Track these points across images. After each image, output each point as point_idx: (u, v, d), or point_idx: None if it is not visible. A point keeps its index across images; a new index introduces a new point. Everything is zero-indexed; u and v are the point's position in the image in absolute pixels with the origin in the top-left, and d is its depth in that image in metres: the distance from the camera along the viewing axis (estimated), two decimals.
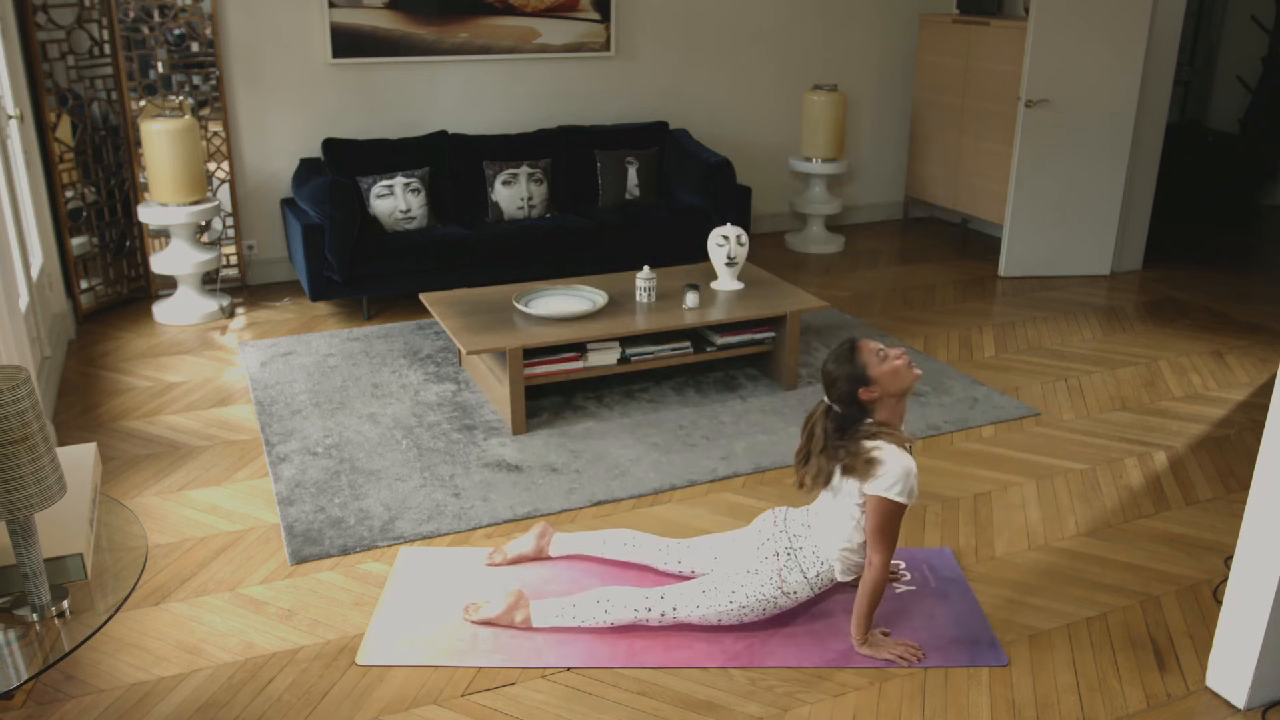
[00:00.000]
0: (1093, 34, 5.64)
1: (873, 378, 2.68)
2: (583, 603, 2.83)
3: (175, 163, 4.98)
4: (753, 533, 2.89)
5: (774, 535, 2.83)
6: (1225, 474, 3.80)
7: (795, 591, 2.79)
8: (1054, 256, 6.09)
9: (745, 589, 2.78)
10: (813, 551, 2.78)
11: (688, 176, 5.92)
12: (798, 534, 2.81)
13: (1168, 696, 2.65)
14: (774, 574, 2.78)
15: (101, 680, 2.67)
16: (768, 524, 2.88)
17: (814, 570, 2.78)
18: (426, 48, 5.76)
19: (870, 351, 2.70)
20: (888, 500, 2.62)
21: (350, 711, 2.57)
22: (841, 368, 2.71)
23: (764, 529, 2.87)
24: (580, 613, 2.83)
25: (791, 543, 2.80)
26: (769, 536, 2.83)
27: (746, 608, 2.79)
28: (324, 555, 3.22)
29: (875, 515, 2.65)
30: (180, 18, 5.29)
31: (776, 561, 2.79)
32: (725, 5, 6.46)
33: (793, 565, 2.78)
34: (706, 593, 2.80)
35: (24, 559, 1.99)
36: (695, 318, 4.25)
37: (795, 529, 2.83)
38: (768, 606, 2.80)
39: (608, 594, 2.83)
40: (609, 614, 2.81)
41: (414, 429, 4.06)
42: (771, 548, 2.81)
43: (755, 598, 2.78)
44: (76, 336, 5.06)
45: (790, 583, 2.78)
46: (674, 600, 2.81)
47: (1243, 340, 5.14)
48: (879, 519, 2.65)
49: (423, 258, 5.22)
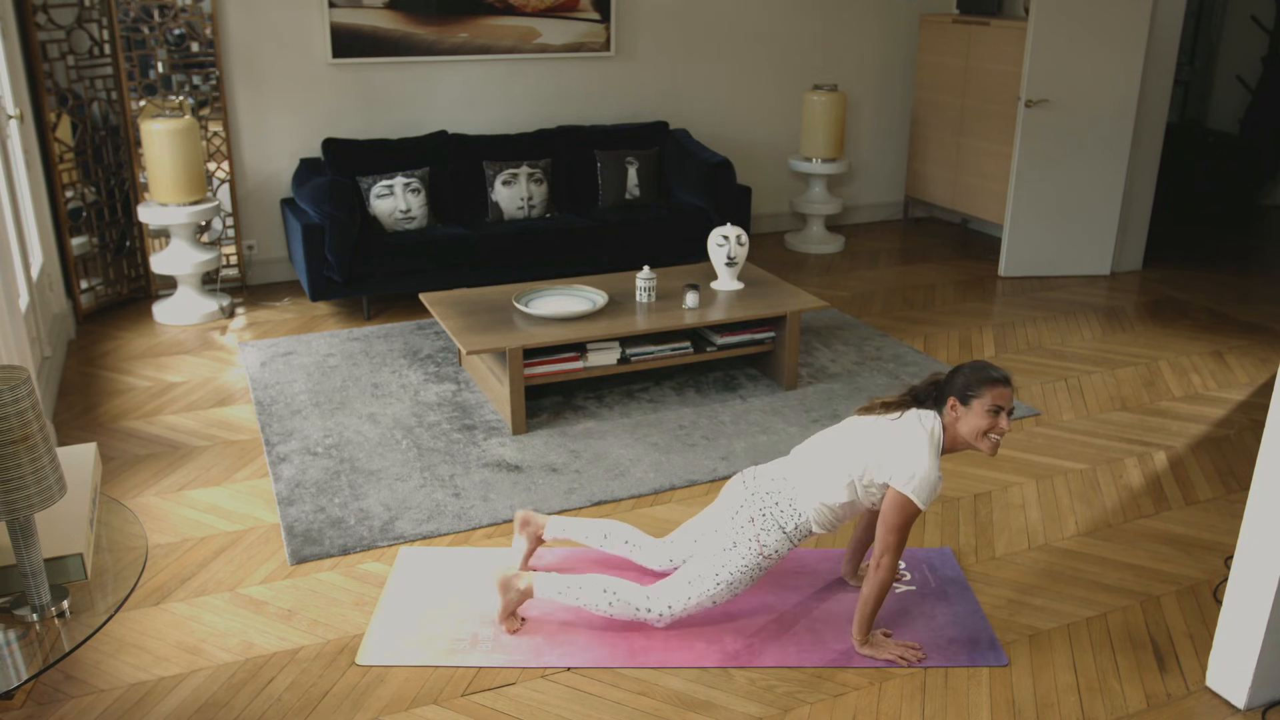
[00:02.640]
0: (1093, 34, 5.64)
1: (968, 407, 2.65)
2: (588, 585, 2.81)
3: (175, 163, 4.98)
4: (723, 504, 2.86)
5: (746, 501, 2.79)
6: (1225, 474, 3.81)
7: (776, 551, 2.77)
8: (1054, 256, 6.09)
9: (728, 567, 2.77)
10: (789, 504, 2.76)
11: (688, 176, 5.92)
12: (770, 490, 2.78)
13: (1168, 696, 2.65)
14: (752, 540, 2.76)
15: (101, 680, 2.67)
16: (736, 491, 2.85)
17: (792, 524, 2.76)
18: (426, 48, 5.76)
19: (992, 397, 2.63)
20: (906, 498, 2.61)
21: (350, 711, 2.57)
22: (970, 376, 2.67)
23: (734, 497, 2.84)
24: (584, 596, 2.80)
25: (764, 502, 2.77)
26: (741, 503, 2.80)
27: (735, 583, 2.78)
28: (324, 555, 3.22)
29: (891, 509, 2.64)
30: (180, 18, 5.29)
31: (753, 528, 2.76)
32: (725, 5, 6.46)
33: (770, 525, 2.75)
34: (692, 582, 2.78)
35: (24, 559, 1.99)
36: (695, 318, 4.25)
37: (767, 485, 2.80)
38: (755, 574, 2.79)
39: (615, 585, 2.81)
40: (613, 606, 2.79)
41: (414, 429, 4.06)
42: (746, 514, 2.78)
43: (740, 570, 2.76)
44: (76, 336, 5.06)
45: (770, 544, 2.76)
46: (666, 599, 2.80)
47: (1243, 340, 5.14)
48: (893, 514, 2.64)
49: (423, 258, 5.22)
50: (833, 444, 2.78)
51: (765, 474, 2.85)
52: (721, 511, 2.85)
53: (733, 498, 2.84)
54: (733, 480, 2.92)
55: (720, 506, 2.88)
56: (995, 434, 2.65)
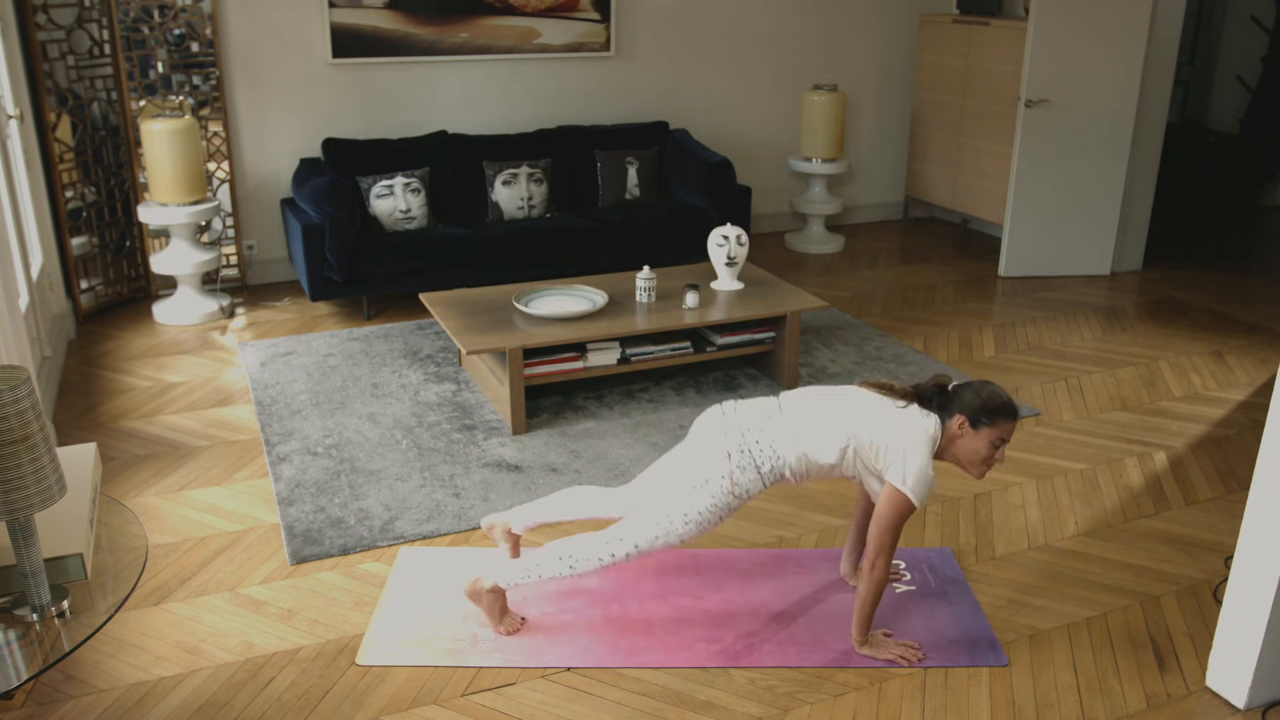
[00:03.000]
0: (1093, 34, 5.64)
1: (977, 431, 2.64)
2: (545, 559, 2.76)
3: (175, 163, 4.98)
4: (697, 438, 2.76)
5: (724, 434, 2.70)
6: (1225, 474, 3.80)
7: (748, 491, 2.70)
8: (1054, 256, 6.09)
9: (697, 504, 2.69)
10: (770, 446, 2.68)
11: (688, 176, 5.92)
12: (751, 426, 2.70)
13: (1168, 696, 2.65)
14: (725, 478, 2.67)
15: (101, 680, 2.67)
16: (715, 422, 2.75)
17: (768, 465, 2.68)
18: (426, 48, 5.76)
19: (1003, 430, 2.66)
20: (904, 495, 2.60)
21: (350, 711, 2.57)
22: (990, 402, 2.65)
23: (711, 429, 2.74)
24: (544, 569, 2.76)
25: (744, 438, 2.68)
26: (720, 434, 2.71)
27: (703, 522, 2.71)
28: (324, 555, 3.22)
29: (887, 507, 2.62)
30: (180, 18, 5.29)
31: (729, 463, 2.67)
32: (725, 5, 6.46)
33: (746, 464, 2.67)
34: (659, 521, 2.72)
35: (24, 559, 1.99)
36: (695, 318, 4.25)
37: (749, 421, 2.72)
38: (723, 514, 2.72)
39: (568, 547, 2.76)
40: (574, 567, 2.74)
41: (414, 429, 4.06)
42: (722, 449, 2.69)
43: (709, 507, 2.69)
44: (76, 336, 5.06)
45: (742, 483, 2.68)
46: (632, 537, 2.73)
47: (1243, 340, 5.14)
48: (889, 513, 2.62)
49: (423, 258, 5.22)
50: (832, 404, 2.72)
51: (748, 409, 2.76)
52: (694, 445, 2.76)
53: (710, 430, 2.74)
54: (710, 412, 2.81)
55: (693, 441, 2.77)
56: (991, 463, 2.68)
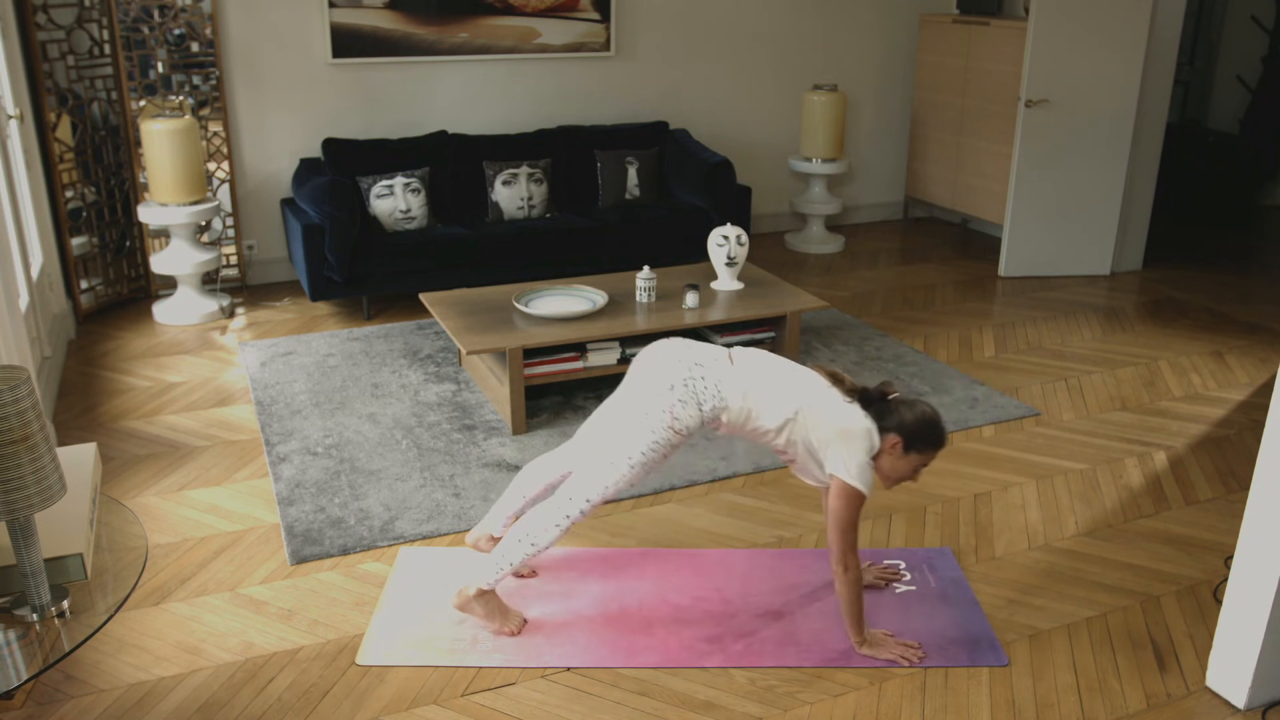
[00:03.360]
0: (1093, 34, 5.64)
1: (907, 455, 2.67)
2: (509, 548, 2.75)
3: (175, 163, 4.98)
4: (640, 372, 2.73)
5: (673, 365, 2.67)
6: (1225, 474, 3.81)
7: (687, 427, 2.65)
8: (1054, 256, 6.09)
9: (639, 443, 2.65)
10: (716, 386, 2.65)
11: (688, 176, 5.92)
12: (702, 363, 2.68)
13: (1168, 696, 2.65)
14: (665, 411, 2.63)
15: (101, 680, 2.67)
16: (661, 355, 2.71)
17: (710, 405, 2.65)
18: (426, 48, 5.76)
19: (930, 458, 2.71)
20: (852, 487, 2.61)
21: (350, 711, 2.57)
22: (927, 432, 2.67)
23: (655, 361, 2.70)
24: (513, 556, 2.75)
25: (691, 372, 2.65)
26: (663, 368, 2.67)
27: (647, 461, 2.67)
28: (324, 555, 3.22)
29: (837, 500, 2.63)
30: (180, 18, 5.29)
31: (670, 395, 2.63)
32: (725, 5, 6.46)
33: (688, 397, 2.63)
34: (603, 468, 2.68)
35: (24, 559, 1.99)
36: (695, 318, 4.25)
37: (701, 357, 2.69)
38: (665, 450, 2.68)
39: (525, 527, 2.75)
40: (536, 544, 2.73)
41: (414, 429, 4.06)
42: (666, 380, 2.65)
43: (650, 445, 2.65)
44: (76, 336, 5.06)
45: (682, 418, 2.64)
46: (581, 492, 2.70)
47: (1243, 340, 5.14)
48: (841, 504, 2.63)
49: (423, 258, 5.22)
50: (787, 375, 2.71)
51: (701, 348, 2.73)
52: (635, 380, 2.72)
53: (655, 361, 2.71)
54: (657, 344, 2.77)
55: (634, 376, 2.74)
56: (904, 481, 2.75)
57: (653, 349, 2.77)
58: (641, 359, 2.77)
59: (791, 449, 2.71)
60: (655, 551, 3.25)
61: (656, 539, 3.34)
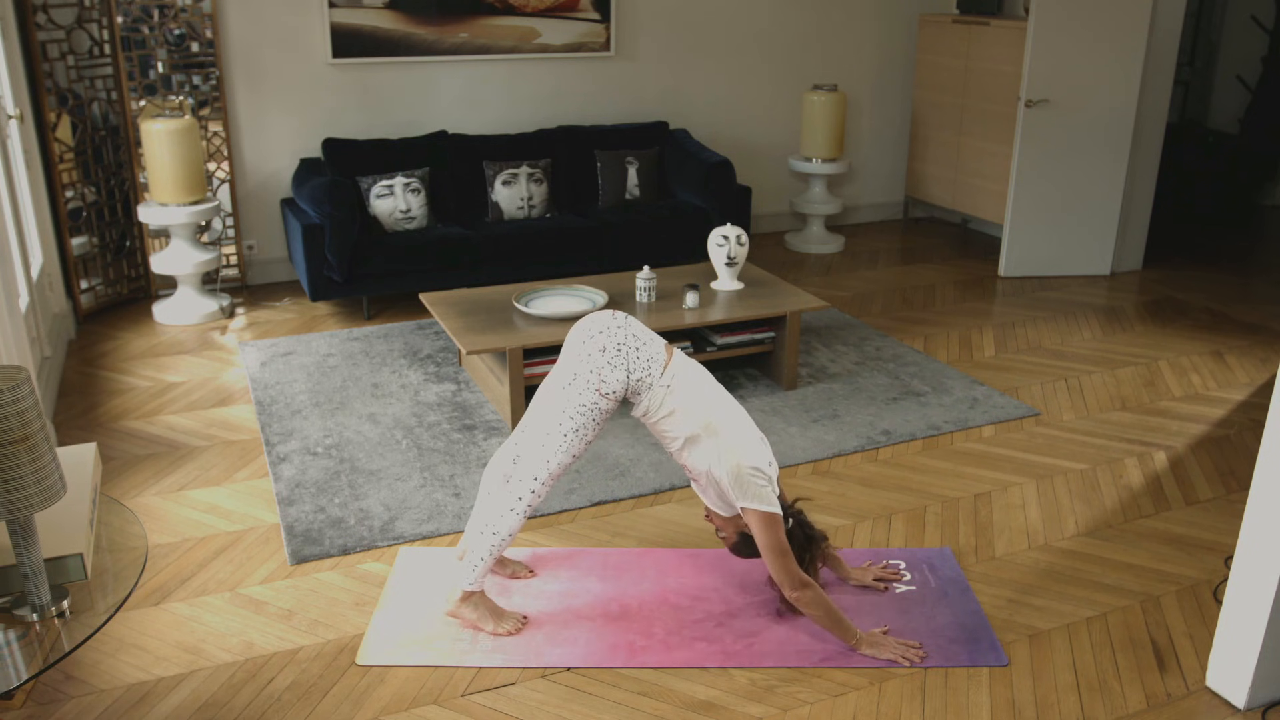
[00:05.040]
0: (1093, 34, 5.64)
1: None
2: (476, 546, 2.75)
3: (175, 163, 4.98)
4: (576, 339, 2.69)
5: (611, 332, 2.65)
6: (1225, 474, 3.80)
7: (613, 392, 2.63)
8: (1054, 256, 6.09)
9: (568, 410, 2.64)
10: (647, 361, 2.65)
11: (688, 176, 5.92)
12: (640, 336, 2.67)
13: (1168, 696, 2.65)
14: (593, 374, 2.61)
15: (101, 680, 2.67)
16: (600, 322, 2.68)
17: (637, 375, 2.64)
18: (426, 48, 5.76)
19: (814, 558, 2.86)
20: (767, 512, 2.63)
21: (350, 711, 2.57)
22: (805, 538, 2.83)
23: (594, 328, 2.67)
24: (481, 552, 2.75)
25: (627, 341, 2.64)
26: (596, 335, 2.65)
27: (580, 431, 2.65)
28: (324, 555, 3.22)
29: (764, 531, 2.65)
30: (180, 18, 5.29)
31: (601, 358, 2.62)
32: (725, 5, 6.46)
33: (619, 361, 2.61)
34: (545, 445, 2.67)
35: (24, 559, 1.99)
36: (695, 318, 4.25)
37: (637, 331, 2.68)
38: (595, 416, 2.65)
39: (485, 520, 2.75)
40: (498, 532, 2.72)
41: (414, 429, 4.06)
42: (598, 343, 2.63)
43: (578, 408, 2.63)
44: (76, 336, 5.06)
45: (609, 382, 2.62)
46: (529, 472, 2.69)
47: (1243, 340, 5.14)
48: (768, 534, 2.65)
49: (423, 258, 5.22)
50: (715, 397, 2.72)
51: (641, 327, 2.72)
52: (568, 347, 2.70)
53: (590, 329, 2.68)
54: (593, 314, 2.75)
55: (568, 347, 2.72)
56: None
57: (588, 319, 2.72)
58: (576, 330, 2.73)
59: (695, 467, 2.73)
60: (655, 551, 3.25)
61: (656, 539, 3.34)
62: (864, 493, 3.64)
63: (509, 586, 3.06)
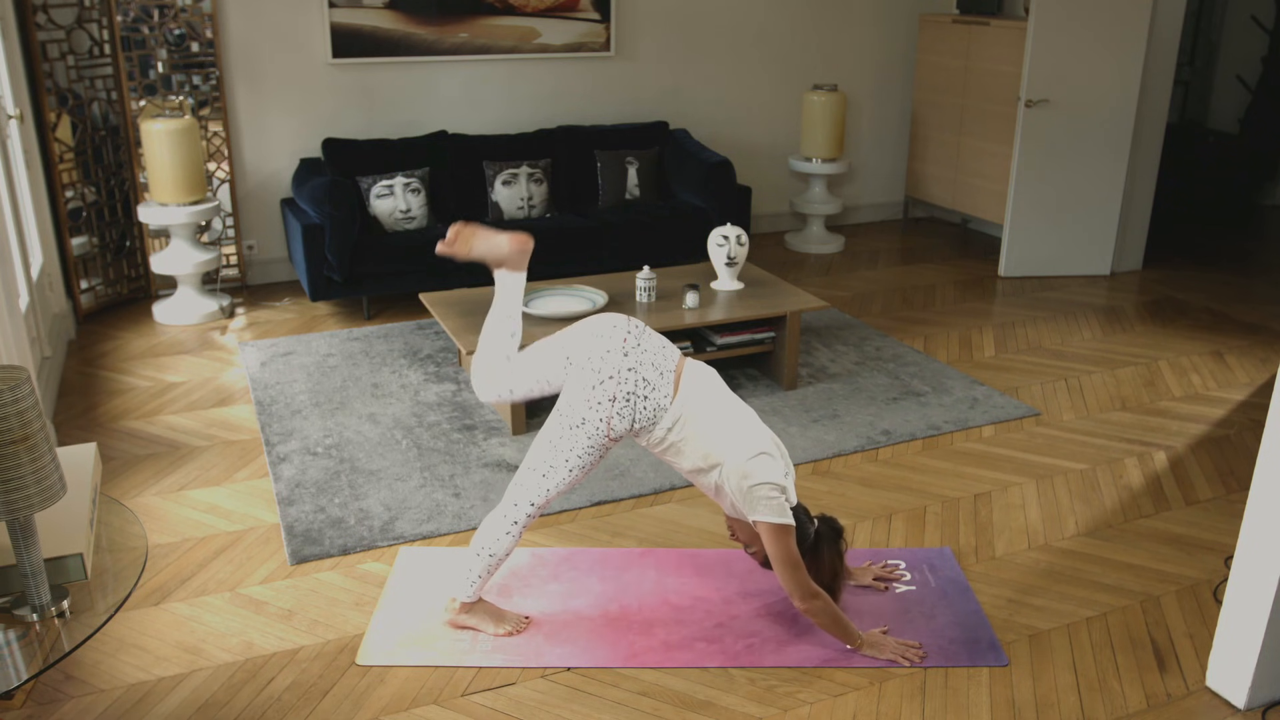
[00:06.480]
0: (1093, 34, 5.64)
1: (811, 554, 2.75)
2: (471, 563, 2.77)
3: (175, 163, 4.98)
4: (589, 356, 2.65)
5: (616, 376, 2.62)
6: (1225, 474, 3.80)
7: (620, 434, 2.67)
8: (1054, 256, 6.09)
9: (574, 449, 2.66)
10: (655, 409, 2.64)
11: (688, 176, 5.92)
12: (648, 379, 2.63)
13: (1168, 696, 2.65)
14: (603, 421, 2.63)
15: (101, 680, 2.67)
16: (613, 355, 2.64)
17: (640, 424, 2.65)
18: (426, 48, 5.76)
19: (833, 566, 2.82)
20: (780, 524, 2.62)
21: (350, 711, 2.57)
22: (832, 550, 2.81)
23: (604, 365, 2.63)
24: (475, 570, 2.77)
25: (636, 389, 2.62)
26: (608, 376, 2.62)
27: (584, 465, 2.69)
28: (324, 555, 3.22)
29: (776, 543, 2.63)
30: (180, 18, 5.29)
31: (611, 407, 2.62)
32: (725, 5, 6.46)
33: (625, 413, 2.63)
34: (546, 475, 2.69)
35: (24, 559, 1.99)
36: (695, 318, 4.25)
37: (647, 374, 2.64)
38: (600, 454, 2.70)
39: (480, 540, 2.76)
40: (494, 554, 2.74)
41: (414, 429, 4.06)
42: (608, 391, 2.62)
43: (586, 450, 2.66)
44: (76, 336, 5.06)
45: (618, 429, 2.65)
46: (526, 495, 2.70)
47: (1243, 340, 5.14)
48: (780, 545, 2.63)
49: (423, 258, 5.22)
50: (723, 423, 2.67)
51: (651, 358, 2.66)
52: (579, 381, 2.65)
53: (602, 369, 2.63)
54: (616, 327, 2.68)
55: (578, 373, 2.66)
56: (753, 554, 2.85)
57: (604, 336, 2.67)
58: (598, 330, 2.68)
59: (702, 485, 2.75)
60: (655, 551, 3.25)
61: (656, 539, 3.34)
62: (864, 493, 3.64)
63: (509, 587, 3.06)
